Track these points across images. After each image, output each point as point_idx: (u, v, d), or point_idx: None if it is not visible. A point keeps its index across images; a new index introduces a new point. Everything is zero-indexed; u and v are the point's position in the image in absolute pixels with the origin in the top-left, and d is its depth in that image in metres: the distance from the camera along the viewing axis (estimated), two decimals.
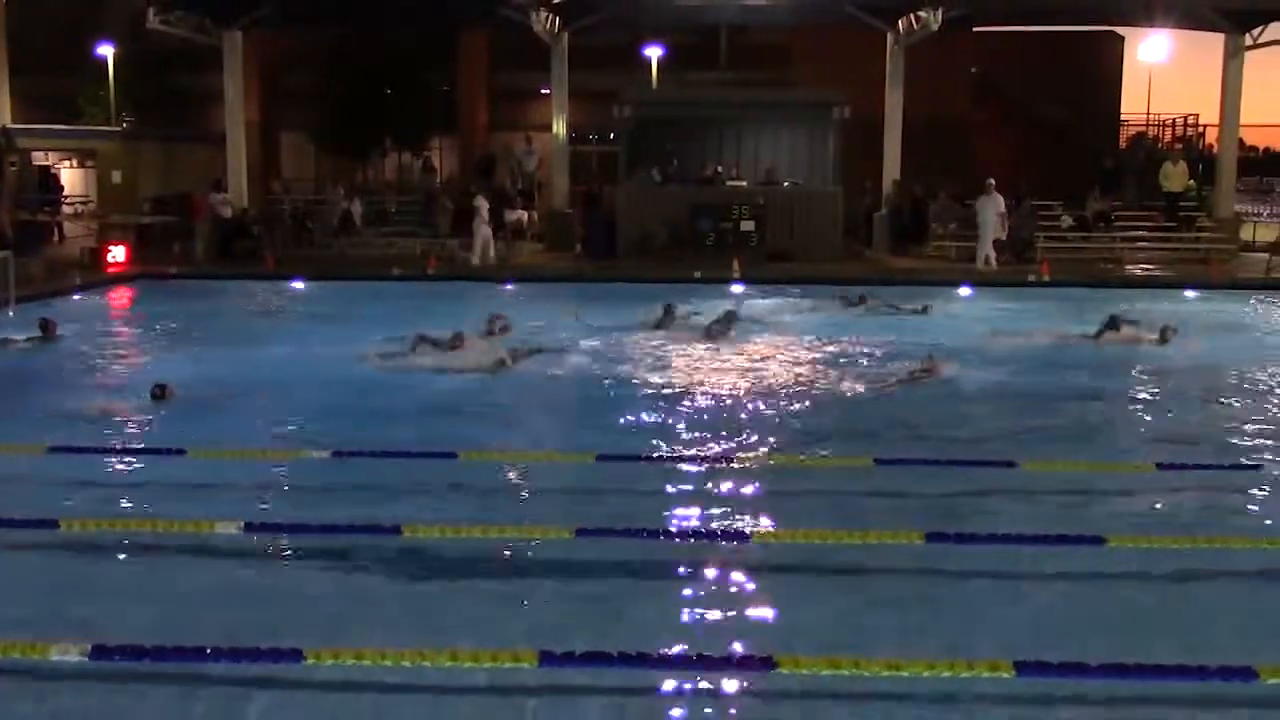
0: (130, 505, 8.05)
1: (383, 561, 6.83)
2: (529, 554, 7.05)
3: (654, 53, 34.96)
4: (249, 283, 21.47)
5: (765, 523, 7.84)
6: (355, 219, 26.63)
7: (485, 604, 6.34)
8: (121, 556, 7.02)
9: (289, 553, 7.04)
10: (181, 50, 31.40)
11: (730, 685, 5.35)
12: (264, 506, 7.92)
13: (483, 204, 24.21)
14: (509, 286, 21.12)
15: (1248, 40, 26.60)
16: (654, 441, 9.97)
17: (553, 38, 26.01)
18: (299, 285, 21.48)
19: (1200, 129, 32.78)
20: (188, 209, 27.09)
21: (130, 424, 10.63)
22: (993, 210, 23.70)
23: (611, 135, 31.64)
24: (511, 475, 8.84)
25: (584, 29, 26.46)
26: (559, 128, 26.95)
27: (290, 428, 10.43)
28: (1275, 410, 11.62)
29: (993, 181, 23.95)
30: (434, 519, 7.33)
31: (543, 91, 30.25)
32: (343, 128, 33.55)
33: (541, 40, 25.90)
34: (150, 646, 5.22)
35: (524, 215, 26.70)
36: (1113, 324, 15.50)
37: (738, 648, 5.76)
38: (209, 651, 5.22)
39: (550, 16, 25.43)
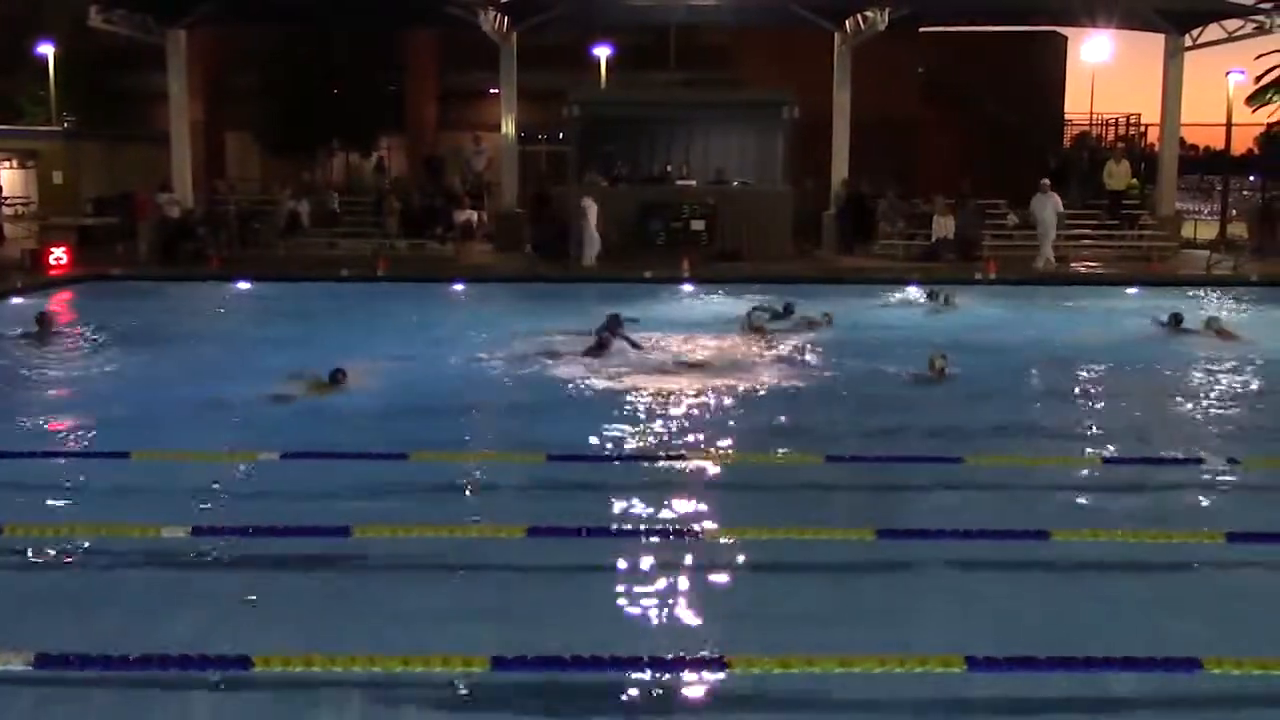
0: (79, 508, 7.94)
1: (331, 563, 6.78)
2: (481, 554, 7.02)
3: (603, 52, 34.95)
4: (198, 284, 21.29)
5: (717, 521, 7.85)
6: (302, 219, 26.40)
7: (437, 607, 6.32)
8: (67, 561, 6.92)
9: (237, 556, 6.96)
10: (124, 49, 30.99)
11: (683, 685, 5.35)
12: (212, 509, 7.82)
13: (590, 205, 23.46)
14: (458, 286, 21.14)
15: (1187, 41, 27.03)
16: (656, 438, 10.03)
17: (501, 37, 25.93)
18: (245, 285, 21.32)
19: (1142, 128, 33.27)
20: (131, 209, 26.73)
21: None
22: (1052, 209, 23.87)
23: (561, 135, 31.58)
24: (470, 474, 8.79)
25: (533, 28, 26.40)
26: (508, 128, 26.87)
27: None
28: None
29: (1048, 181, 24.18)
30: (384, 519, 7.29)
31: (492, 91, 30.15)
32: (289, 127, 33.24)
33: (490, 40, 25.82)
34: (96, 655, 5.14)
35: (473, 215, 26.60)
36: (1177, 320, 15.84)
37: (689, 648, 5.77)
38: (155, 659, 5.15)
39: (499, 16, 25.35)
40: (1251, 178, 39.31)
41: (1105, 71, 63.32)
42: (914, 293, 19.86)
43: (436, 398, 12.00)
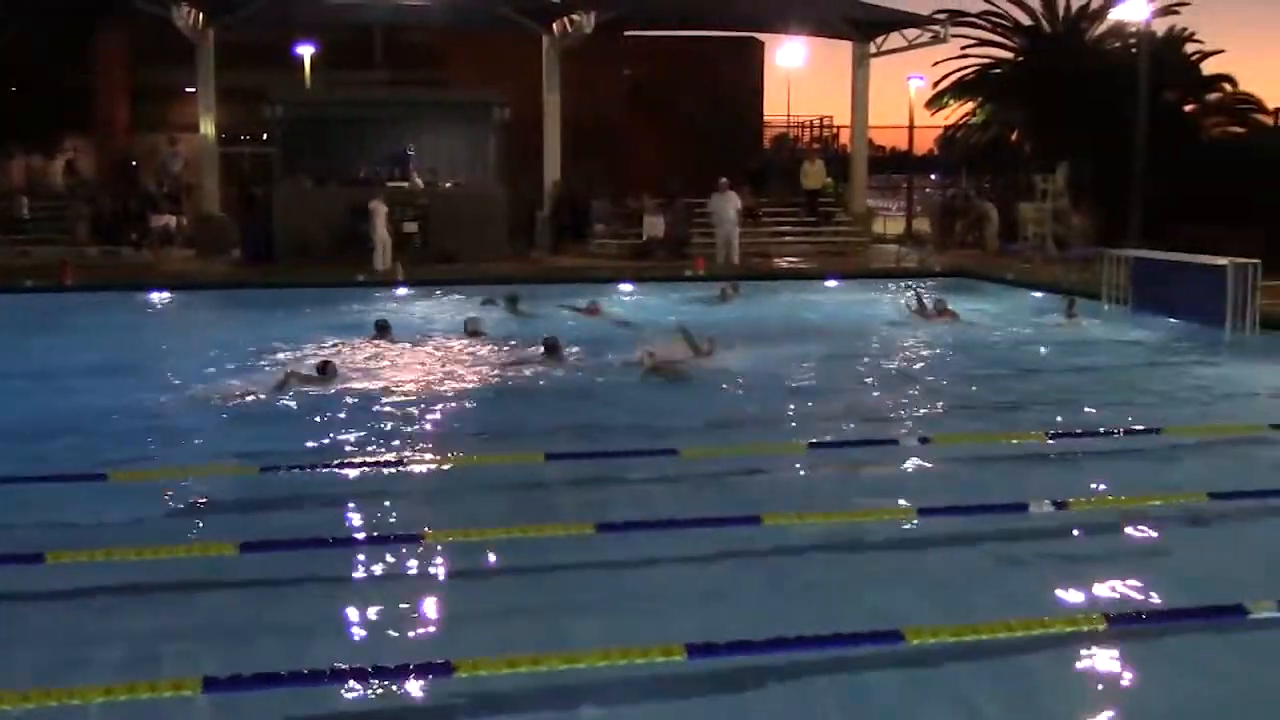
0: None
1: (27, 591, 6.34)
2: (189, 573, 6.71)
3: (307, 51, 33.97)
4: None
5: (437, 523, 7.77)
6: None
7: (147, 631, 6.01)
8: None
9: None
10: None
11: (409, 693, 5.28)
12: None
13: (380, 208, 22.81)
14: (160, 294, 20.22)
15: (872, 48, 28.73)
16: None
17: (197, 34, 24.86)
18: None
19: (834, 130, 35.12)
20: None
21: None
22: (731, 207, 24.52)
23: (265, 136, 30.53)
24: (169, 491, 8.37)
25: (231, 25, 25.44)
26: (207, 128, 25.82)
27: None
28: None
29: (726, 180, 24.83)
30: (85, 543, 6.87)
31: (189, 90, 28.84)
32: None
33: (186, 36, 24.71)
34: None
35: (171, 220, 25.38)
36: (919, 301, 17.33)
37: (415, 655, 5.71)
38: None
39: (193, 12, 24.29)
40: (934, 176, 42.07)
41: (800, 76, 66.35)
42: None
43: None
